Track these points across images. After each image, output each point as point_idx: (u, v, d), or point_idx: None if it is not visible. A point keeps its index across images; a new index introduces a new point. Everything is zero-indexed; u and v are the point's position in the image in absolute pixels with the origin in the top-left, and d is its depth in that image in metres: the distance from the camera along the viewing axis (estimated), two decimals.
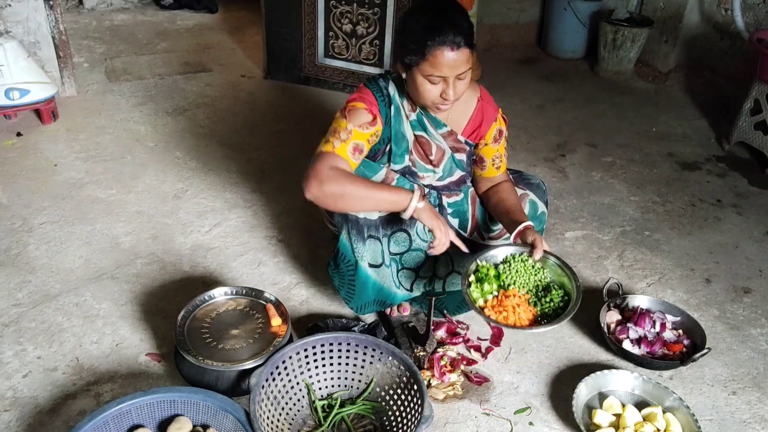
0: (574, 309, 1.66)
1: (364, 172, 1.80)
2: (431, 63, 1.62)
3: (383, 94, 1.82)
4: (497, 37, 4.72)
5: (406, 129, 1.86)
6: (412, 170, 1.90)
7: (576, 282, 1.74)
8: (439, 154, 1.89)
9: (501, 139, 1.94)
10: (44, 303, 2.09)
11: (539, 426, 1.77)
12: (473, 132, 1.90)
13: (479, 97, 1.89)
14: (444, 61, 1.61)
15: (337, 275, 1.91)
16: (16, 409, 1.73)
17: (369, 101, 1.78)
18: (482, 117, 1.89)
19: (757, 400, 1.89)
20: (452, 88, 1.66)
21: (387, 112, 1.82)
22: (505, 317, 1.67)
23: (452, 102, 1.71)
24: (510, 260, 1.80)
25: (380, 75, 1.87)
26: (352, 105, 1.77)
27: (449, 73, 1.63)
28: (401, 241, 1.92)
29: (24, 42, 3.17)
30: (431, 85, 1.67)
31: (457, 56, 1.61)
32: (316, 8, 3.57)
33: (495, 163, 1.95)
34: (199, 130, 3.27)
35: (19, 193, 2.65)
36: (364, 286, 1.89)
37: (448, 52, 1.60)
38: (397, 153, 1.86)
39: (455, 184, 1.96)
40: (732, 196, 2.97)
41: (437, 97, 1.69)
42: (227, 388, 1.75)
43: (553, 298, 1.73)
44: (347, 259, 1.86)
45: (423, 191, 1.75)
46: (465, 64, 1.64)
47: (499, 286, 1.76)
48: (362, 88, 1.84)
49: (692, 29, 4.13)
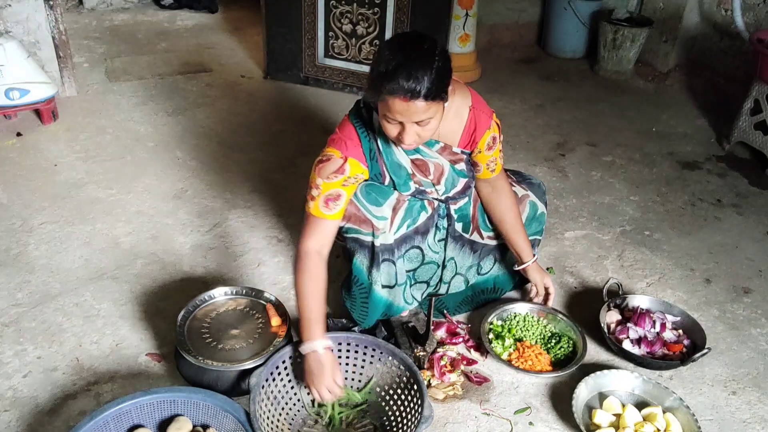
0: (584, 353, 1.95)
1: (377, 198, 1.77)
2: (386, 106, 1.53)
3: (366, 130, 1.75)
4: (497, 36, 4.72)
5: (400, 157, 1.80)
6: (420, 190, 1.85)
7: (578, 327, 2.03)
8: (438, 172, 1.84)
9: (495, 145, 1.87)
10: (44, 303, 2.09)
11: (539, 426, 1.77)
12: (468, 142, 1.85)
13: (471, 106, 1.80)
14: (396, 108, 1.51)
15: (349, 299, 1.92)
16: (16, 409, 1.73)
17: (346, 143, 1.71)
18: (476, 125, 1.82)
19: (757, 400, 1.89)
20: (408, 133, 1.56)
21: (372, 148, 1.76)
22: (531, 365, 1.93)
23: (413, 145, 1.64)
24: (516, 315, 2.10)
25: (363, 104, 1.76)
26: (324, 153, 1.73)
27: (402, 119, 1.54)
28: (414, 257, 1.92)
29: (24, 42, 3.17)
30: (389, 125, 1.58)
31: (409, 107, 1.49)
32: (316, 8, 3.57)
33: (489, 167, 1.91)
34: (199, 130, 3.27)
35: (19, 193, 2.65)
36: (375, 307, 1.91)
37: (399, 101, 1.49)
38: (399, 183, 1.81)
39: (461, 192, 1.92)
40: (732, 196, 2.97)
41: (396, 138, 1.62)
42: (227, 388, 1.75)
43: (562, 345, 2.00)
44: (360, 282, 1.86)
45: (330, 348, 1.65)
46: (421, 114, 1.52)
47: (514, 339, 2.02)
48: (344, 123, 1.76)
49: (692, 29, 4.13)
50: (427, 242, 1.92)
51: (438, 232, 1.95)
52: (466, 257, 2.05)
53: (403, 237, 1.85)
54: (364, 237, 1.79)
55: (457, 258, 2.03)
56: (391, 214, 1.79)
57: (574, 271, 2.40)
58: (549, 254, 2.47)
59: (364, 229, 1.77)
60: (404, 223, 1.83)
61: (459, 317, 2.15)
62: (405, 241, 1.86)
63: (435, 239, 1.95)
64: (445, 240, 1.98)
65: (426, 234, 1.90)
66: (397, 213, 1.81)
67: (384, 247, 1.81)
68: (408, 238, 1.86)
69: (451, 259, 2.02)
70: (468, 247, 2.04)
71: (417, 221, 1.87)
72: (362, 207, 1.76)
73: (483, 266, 2.11)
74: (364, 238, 1.79)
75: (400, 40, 1.58)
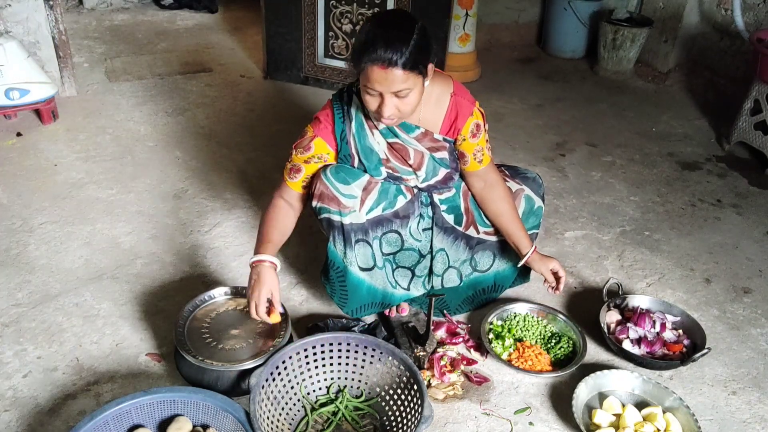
0: (584, 353, 1.96)
1: (345, 178, 1.80)
2: (365, 76, 1.60)
3: (342, 112, 1.83)
4: (497, 36, 4.72)
5: (372, 142, 1.84)
6: (395, 176, 1.88)
7: (577, 327, 2.04)
8: (418, 158, 1.87)
9: (479, 133, 1.89)
10: (44, 303, 2.09)
11: (539, 426, 1.77)
12: (450, 128, 1.87)
13: (452, 93, 1.84)
14: (374, 77, 1.57)
15: (328, 283, 1.93)
16: (16, 409, 1.73)
17: (321, 122, 1.84)
18: (457, 111, 1.85)
19: (757, 400, 1.89)
20: (387, 105, 1.62)
21: (343, 129, 1.83)
22: (531, 365, 1.93)
23: (394, 119, 1.68)
24: (516, 315, 2.11)
25: (348, 86, 1.84)
26: (304, 130, 1.87)
27: (381, 89, 1.59)
28: (393, 241, 1.93)
29: (24, 42, 3.17)
30: (369, 97, 1.64)
31: (387, 75, 1.56)
32: (316, 8, 3.57)
33: (477, 157, 1.91)
34: (199, 130, 3.27)
35: (19, 193, 2.65)
36: (355, 290, 1.91)
37: (378, 68, 1.55)
38: (370, 167, 1.86)
39: (442, 182, 1.93)
40: (732, 196, 2.97)
41: (375, 111, 1.67)
42: (227, 388, 1.75)
43: (562, 345, 2.00)
44: (336, 266, 1.87)
45: (275, 266, 1.78)
46: (399, 84, 1.58)
47: (514, 339, 2.02)
48: (326, 104, 1.86)
49: (692, 29, 4.13)
50: (409, 229, 1.93)
51: (422, 220, 1.96)
52: (459, 251, 2.05)
53: (378, 219, 1.86)
54: (333, 216, 1.81)
55: (449, 251, 2.03)
56: (362, 194, 1.82)
57: (574, 271, 2.40)
58: (549, 254, 2.47)
59: (333, 208, 1.80)
60: (378, 205, 1.85)
61: (459, 317, 2.15)
62: (381, 224, 1.87)
63: (419, 227, 1.96)
64: (432, 230, 1.98)
65: (407, 219, 1.91)
66: (369, 193, 1.84)
67: (356, 227, 1.82)
68: (385, 221, 1.88)
69: (441, 250, 2.01)
70: (462, 240, 2.04)
71: (395, 205, 1.88)
72: (330, 185, 1.79)
73: (479, 261, 2.10)
74: (334, 218, 1.81)
75: (382, 15, 1.66)
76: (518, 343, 2.01)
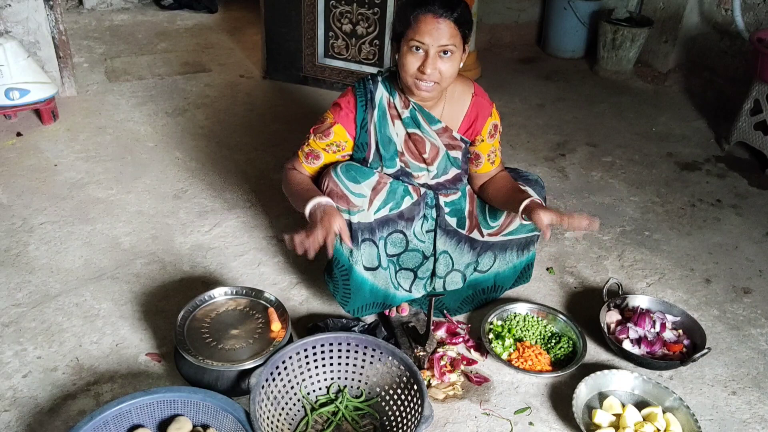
0: (584, 353, 1.95)
1: (355, 176, 1.80)
2: (414, 29, 1.66)
3: (365, 99, 1.84)
4: (497, 36, 4.72)
5: (392, 132, 1.86)
6: (406, 171, 1.90)
7: (577, 327, 2.04)
8: (434, 152, 1.90)
9: (496, 133, 1.96)
10: (44, 303, 2.09)
11: (539, 426, 1.77)
12: (469, 128, 1.91)
13: (473, 93, 1.90)
14: (425, 28, 1.64)
15: (331, 281, 1.93)
16: (16, 409, 1.73)
17: (341, 109, 1.85)
18: (477, 112, 1.90)
19: (757, 400, 1.89)
20: (430, 62, 1.67)
21: (364, 117, 1.84)
22: (531, 365, 1.93)
23: (431, 85, 1.71)
24: (516, 315, 2.11)
25: (372, 75, 1.88)
26: (324, 116, 1.89)
27: (430, 41, 1.65)
28: (398, 242, 1.93)
29: (24, 42, 3.17)
30: (412, 57, 1.69)
31: (439, 25, 1.64)
32: (315, 8, 3.56)
33: (490, 158, 1.98)
34: (198, 130, 3.27)
35: (19, 193, 2.65)
36: (359, 289, 1.91)
37: (431, 18, 1.63)
38: (386, 157, 1.87)
39: (451, 182, 1.96)
40: (732, 197, 2.97)
41: (417, 72, 1.70)
42: (227, 388, 1.75)
43: (562, 345, 2.00)
44: (341, 264, 1.87)
45: (332, 205, 1.78)
46: (447, 38, 1.65)
47: (514, 339, 2.02)
48: (348, 90, 1.88)
49: (692, 29, 4.13)
50: (413, 230, 1.94)
51: (426, 222, 1.96)
52: (464, 254, 2.05)
53: (384, 219, 1.87)
54: (342, 214, 1.80)
55: (453, 253, 2.03)
56: (371, 194, 1.83)
57: (574, 271, 2.40)
58: (549, 254, 2.47)
59: (341, 206, 1.79)
60: (386, 205, 1.86)
61: (459, 317, 2.15)
62: (387, 224, 1.88)
63: (422, 229, 1.97)
64: (435, 232, 1.98)
65: (411, 221, 1.92)
66: (378, 194, 1.84)
67: (363, 226, 1.83)
68: (391, 221, 1.88)
69: (444, 252, 2.01)
70: (466, 244, 2.04)
71: (401, 205, 1.89)
72: (340, 182, 1.79)
73: (481, 263, 2.10)
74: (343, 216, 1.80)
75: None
76: (518, 343, 2.01)
